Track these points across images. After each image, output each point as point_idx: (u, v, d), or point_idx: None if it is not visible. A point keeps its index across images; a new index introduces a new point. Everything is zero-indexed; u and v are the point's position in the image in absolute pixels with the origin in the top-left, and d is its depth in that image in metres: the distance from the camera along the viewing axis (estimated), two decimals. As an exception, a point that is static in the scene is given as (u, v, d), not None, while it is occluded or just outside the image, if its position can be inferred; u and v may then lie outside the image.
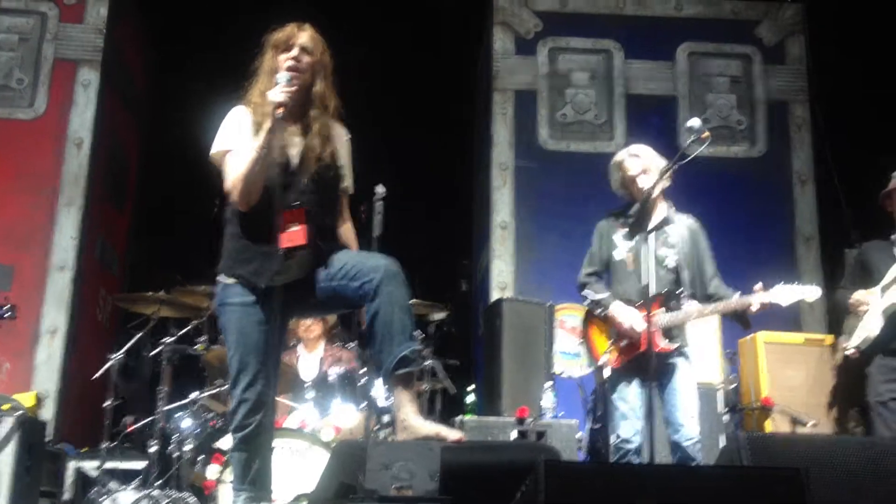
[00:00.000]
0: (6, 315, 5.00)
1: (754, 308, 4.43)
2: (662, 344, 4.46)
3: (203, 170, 3.88)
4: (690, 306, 4.55)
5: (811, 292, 4.52)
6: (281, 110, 3.28)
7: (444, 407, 6.32)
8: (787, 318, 6.89)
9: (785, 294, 4.47)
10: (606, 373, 4.66)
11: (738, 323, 4.62)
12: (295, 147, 3.46)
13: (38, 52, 7.40)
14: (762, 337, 5.78)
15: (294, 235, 3.34)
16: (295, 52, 3.46)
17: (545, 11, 7.95)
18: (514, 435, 5.42)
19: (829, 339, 5.99)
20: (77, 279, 7.01)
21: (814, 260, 7.47)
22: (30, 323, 6.79)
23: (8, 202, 6.98)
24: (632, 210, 4.53)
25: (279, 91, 3.31)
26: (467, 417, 5.57)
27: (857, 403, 5.26)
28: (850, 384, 5.35)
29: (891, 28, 7.13)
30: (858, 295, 5.12)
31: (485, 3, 8.01)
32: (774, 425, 5.55)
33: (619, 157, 4.76)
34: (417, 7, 7.78)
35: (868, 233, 5.49)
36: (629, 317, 4.51)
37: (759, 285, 4.45)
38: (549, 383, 5.76)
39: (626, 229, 4.57)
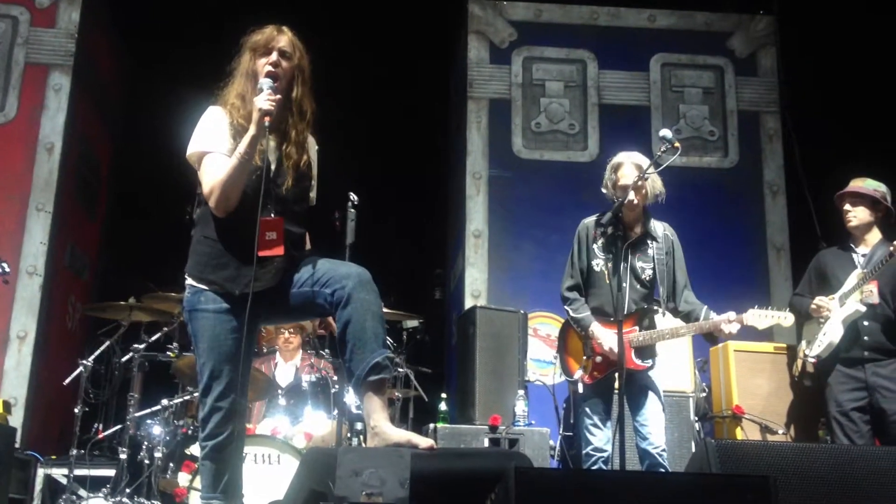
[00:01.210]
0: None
1: (726, 332, 4.48)
2: (636, 362, 4.51)
3: (175, 176, 3.86)
4: (663, 325, 4.61)
5: (785, 319, 4.58)
6: (268, 119, 3.23)
7: (416, 415, 6.32)
8: (759, 328, 6.96)
9: (758, 319, 4.54)
10: (580, 388, 4.69)
11: (706, 340, 4.69)
12: (271, 153, 3.40)
13: (10, 56, 7.33)
14: (732, 346, 5.81)
15: (273, 244, 3.30)
16: (274, 56, 3.39)
17: (520, 21, 7.99)
18: (486, 443, 5.43)
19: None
20: (47, 285, 6.94)
21: (784, 270, 7.54)
22: (-2, 329, 6.73)
23: (-23, 207, 6.92)
24: (607, 217, 4.49)
25: (265, 99, 3.25)
26: (440, 425, 5.56)
27: (826, 412, 5.30)
28: (818, 393, 5.40)
29: (862, 40, 7.22)
30: (821, 301, 5.18)
31: (460, 12, 8.03)
32: (745, 433, 5.59)
33: (620, 158, 4.69)
34: (392, 14, 7.78)
35: (838, 242, 5.54)
36: (607, 340, 4.55)
37: (731, 314, 4.50)
38: (522, 391, 5.77)
39: (604, 239, 4.57)
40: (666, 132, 4.27)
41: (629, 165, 4.63)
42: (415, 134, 8.42)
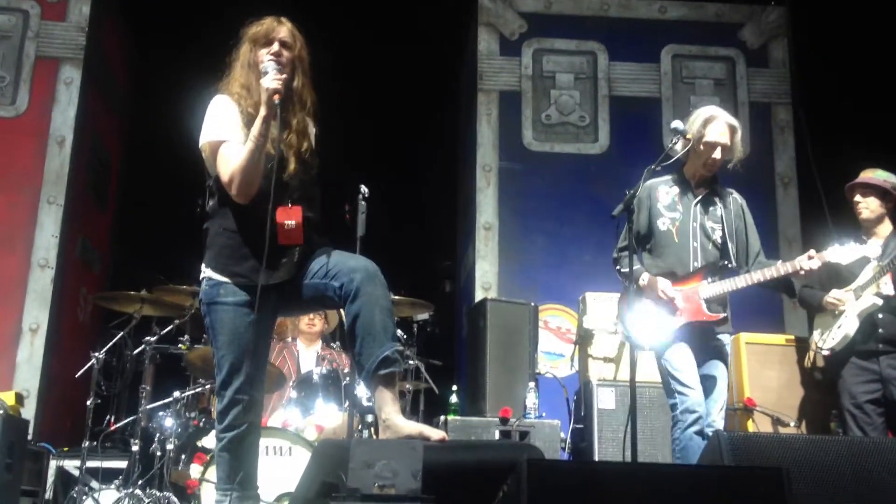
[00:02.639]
0: None
1: (807, 268, 4.30)
2: (707, 312, 4.35)
3: (185, 168, 3.86)
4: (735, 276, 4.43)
5: (872, 249, 4.47)
6: (277, 97, 3.23)
7: (427, 407, 6.33)
8: (772, 319, 6.94)
9: (843, 253, 4.39)
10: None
11: (783, 292, 4.49)
12: (284, 146, 3.39)
13: (20, 49, 7.35)
14: (744, 338, 5.80)
15: (292, 233, 3.31)
16: (275, 47, 3.40)
17: (530, 13, 7.97)
18: (496, 435, 5.42)
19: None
20: (58, 277, 6.96)
21: (796, 262, 7.50)
22: (11, 321, 6.75)
23: (-11, 200, 6.94)
24: (674, 177, 4.44)
25: (273, 78, 3.25)
26: (451, 417, 5.56)
27: (837, 404, 5.28)
28: (830, 385, 5.38)
29: (874, 31, 7.18)
30: (837, 294, 5.16)
31: (470, 4, 8.01)
32: (756, 426, 5.58)
33: (713, 111, 4.47)
34: (403, 6, 7.77)
35: (849, 235, 5.52)
36: (661, 284, 4.37)
37: (811, 251, 4.38)
38: (533, 384, 5.77)
39: (671, 198, 4.48)
40: (678, 124, 4.26)
41: (722, 123, 4.45)
42: (424, 126, 8.40)
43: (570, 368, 6.32)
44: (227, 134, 3.35)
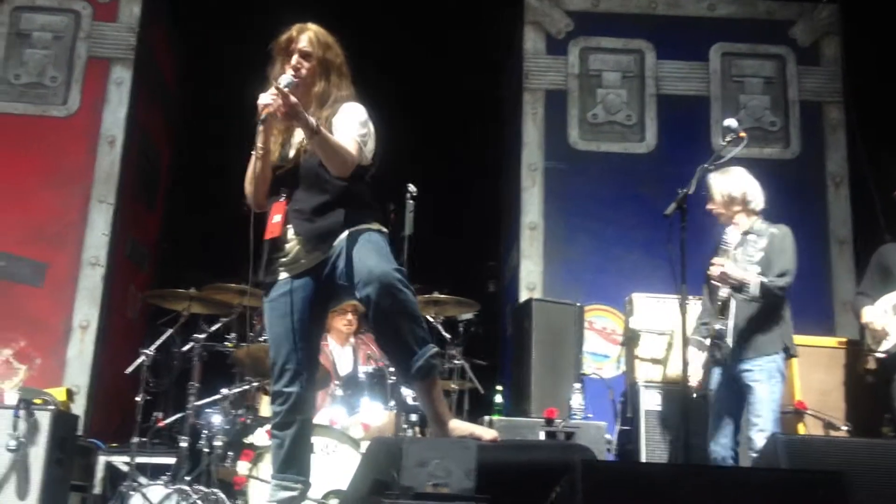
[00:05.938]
0: None
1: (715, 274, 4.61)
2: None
3: (233, 169, 3.90)
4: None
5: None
6: (265, 111, 3.30)
7: (471, 407, 6.32)
8: (822, 322, 6.82)
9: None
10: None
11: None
12: (294, 146, 3.52)
13: (72, 50, 7.44)
14: (795, 340, 5.71)
15: (273, 227, 3.44)
16: (293, 59, 3.48)
17: (577, 11, 7.90)
18: (542, 435, 5.39)
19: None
20: (108, 275, 7.04)
21: (847, 263, 7.36)
22: (62, 318, 6.83)
23: (41, 199, 7.02)
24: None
25: (267, 94, 3.33)
26: (496, 417, 5.54)
27: (891, 408, 5.19)
28: (880, 389, 5.28)
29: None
30: (871, 315, 5.09)
31: (516, 3, 7.98)
32: (807, 429, 5.50)
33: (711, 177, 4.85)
34: (447, 5, 7.76)
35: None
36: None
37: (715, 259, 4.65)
38: (578, 384, 5.73)
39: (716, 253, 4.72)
40: (731, 121, 4.22)
41: (713, 191, 4.88)
42: (471, 125, 8.39)
43: (616, 370, 6.27)
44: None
